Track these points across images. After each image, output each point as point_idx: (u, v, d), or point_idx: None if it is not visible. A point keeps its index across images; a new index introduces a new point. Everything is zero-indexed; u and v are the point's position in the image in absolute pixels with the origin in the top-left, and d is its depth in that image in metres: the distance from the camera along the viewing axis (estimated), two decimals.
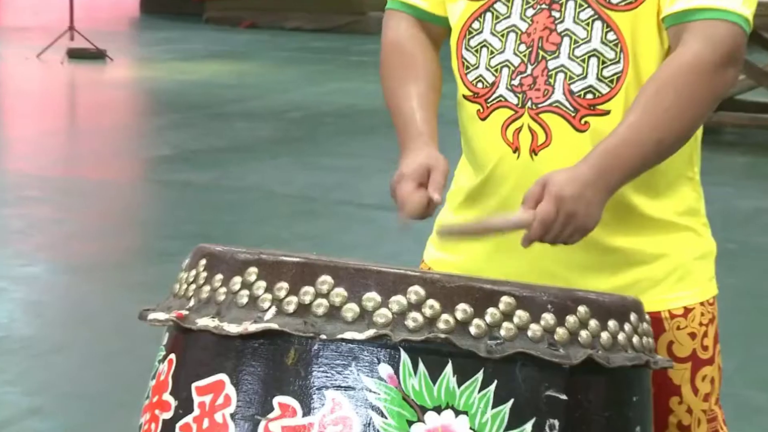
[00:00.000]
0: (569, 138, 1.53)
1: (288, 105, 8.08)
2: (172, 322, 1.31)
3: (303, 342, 1.24)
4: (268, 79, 9.44)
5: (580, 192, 1.43)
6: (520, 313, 1.25)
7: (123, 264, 4.50)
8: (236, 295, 1.28)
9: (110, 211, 5.38)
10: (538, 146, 1.55)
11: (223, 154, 6.49)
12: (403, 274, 1.25)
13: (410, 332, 1.22)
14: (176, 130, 7.19)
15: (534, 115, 1.54)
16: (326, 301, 1.25)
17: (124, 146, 6.91)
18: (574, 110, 1.53)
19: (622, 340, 1.30)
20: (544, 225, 1.43)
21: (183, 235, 4.71)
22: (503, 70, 1.56)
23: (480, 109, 1.58)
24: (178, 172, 6.05)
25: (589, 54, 1.52)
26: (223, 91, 8.65)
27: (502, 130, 1.56)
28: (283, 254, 1.30)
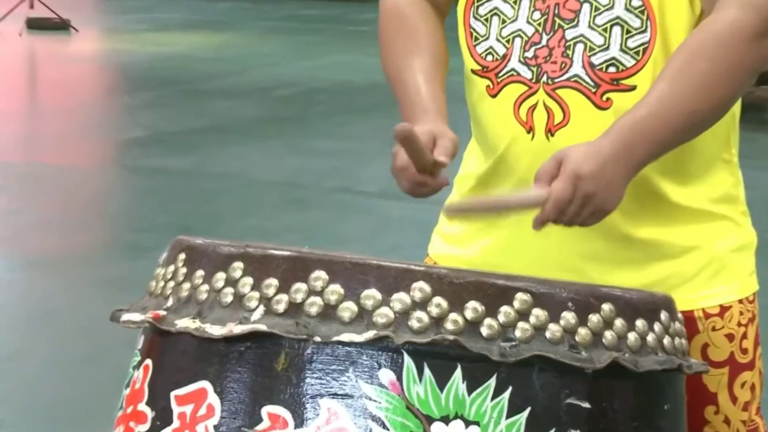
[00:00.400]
0: (589, 116, 1.54)
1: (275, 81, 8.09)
2: (148, 324, 1.32)
3: (295, 345, 1.24)
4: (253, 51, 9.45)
5: (599, 169, 1.43)
6: (537, 311, 1.26)
7: (91, 259, 4.51)
8: (219, 293, 1.29)
9: (75, 200, 5.39)
10: (555, 126, 1.55)
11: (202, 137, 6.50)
12: (406, 268, 1.26)
13: (414, 334, 1.23)
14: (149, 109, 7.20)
15: (550, 91, 1.55)
16: (320, 299, 1.25)
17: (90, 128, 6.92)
18: (594, 85, 1.54)
19: (652, 342, 1.31)
20: (558, 205, 1.44)
21: (158, 228, 4.72)
22: (515, 41, 1.56)
23: (490, 84, 1.58)
24: (152, 156, 6.07)
25: (612, 22, 1.52)
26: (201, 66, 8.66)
27: (515, 108, 1.56)
28: (271, 247, 1.31)
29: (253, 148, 6.25)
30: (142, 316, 1.32)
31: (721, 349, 1.60)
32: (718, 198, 1.61)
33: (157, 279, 1.37)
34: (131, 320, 1.33)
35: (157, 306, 1.33)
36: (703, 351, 1.59)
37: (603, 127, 1.51)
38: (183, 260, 1.34)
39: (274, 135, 6.55)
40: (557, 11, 1.54)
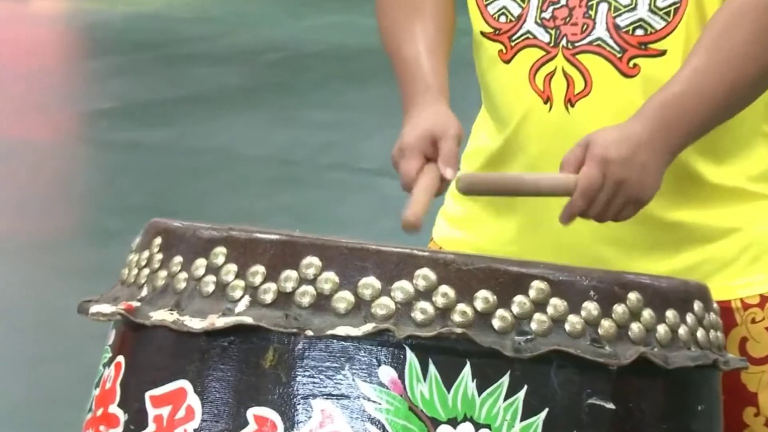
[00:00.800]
0: (614, 85, 1.54)
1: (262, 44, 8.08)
2: (120, 316, 1.33)
3: (284, 340, 1.25)
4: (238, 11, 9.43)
5: (632, 154, 1.44)
6: (555, 301, 1.27)
7: (55, 245, 4.52)
8: (200, 282, 1.30)
9: (37, 179, 5.39)
10: (575, 95, 1.56)
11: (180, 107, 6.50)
12: (409, 254, 1.27)
13: (418, 326, 1.24)
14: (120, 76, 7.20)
15: (570, 56, 1.55)
16: (313, 288, 1.26)
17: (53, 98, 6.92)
18: (620, 50, 1.54)
19: (684, 335, 1.32)
20: (587, 194, 1.45)
21: (131, 210, 4.73)
22: (532, 0, 1.57)
23: (502, 49, 1.59)
24: (124, 130, 6.07)
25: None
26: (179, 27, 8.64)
27: (530, 76, 1.57)
28: (258, 230, 1.31)
29: (238, 120, 6.25)
30: (113, 308, 1.33)
31: (761, 343, 1.61)
32: (758, 176, 1.62)
33: (130, 266, 1.38)
34: (101, 312, 1.34)
35: (129, 296, 1.34)
36: (742, 345, 1.60)
37: (630, 96, 1.51)
38: (159, 245, 1.35)
39: (261, 105, 6.55)
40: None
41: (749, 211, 1.61)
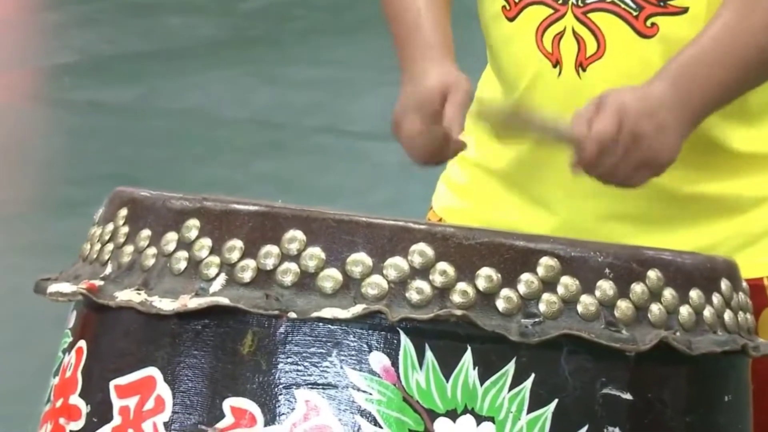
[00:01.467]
0: (630, 46, 1.55)
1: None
2: (82, 297, 1.33)
3: (264, 323, 1.26)
4: None
5: (651, 110, 1.45)
6: (566, 280, 1.27)
7: (10, 219, 4.53)
8: (170, 259, 1.30)
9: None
10: (587, 59, 1.56)
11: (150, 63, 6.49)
12: (404, 227, 1.27)
13: (414, 308, 1.24)
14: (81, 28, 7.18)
15: (580, 14, 1.56)
16: (296, 265, 1.27)
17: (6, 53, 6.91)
18: (636, 7, 1.55)
19: (710, 317, 1.33)
20: (601, 142, 1.45)
21: (94, 178, 4.73)
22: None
23: (506, 5, 1.59)
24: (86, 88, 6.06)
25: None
26: None
27: (537, 36, 1.57)
28: (235, 201, 1.32)
29: (213, 78, 6.24)
30: (73, 287, 1.34)
31: None
32: None
33: (93, 241, 1.38)
34: (60, 292, 1.35)
35: (92, 274, 1.35)
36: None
37: (647, 59, 1.52)
38: (124, 217, 1.36)
39: (240, 60, 6.54)
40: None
41: None
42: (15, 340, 3.44)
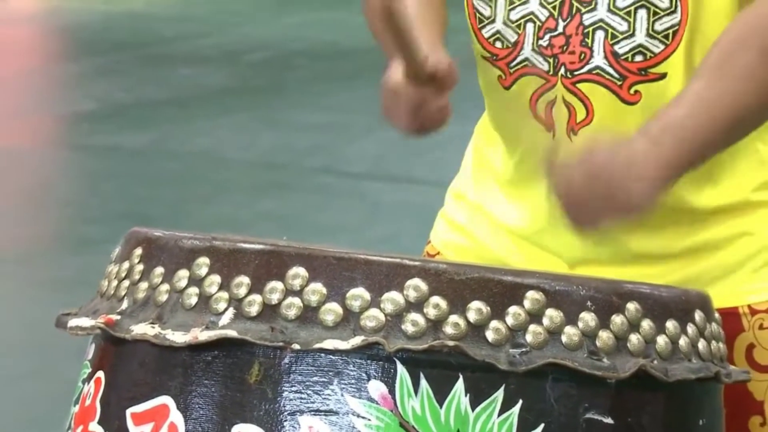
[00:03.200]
0: (616, 112, 1.55)
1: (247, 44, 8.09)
2: (100, 330, 1.32)
3: (270, 354, 1.25)
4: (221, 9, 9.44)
5: (625, 153, 1.44)
6: (551, 312, 1.26)
7: (33, 255, 4.52)
8: (182, 294, 1.30)
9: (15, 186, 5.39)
10: (578, 124, 1.56)
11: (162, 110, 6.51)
12: (399, 263, 1.27)
13: (409, 339, 1.24)
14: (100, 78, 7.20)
15: (569, 84, 1.55)
16: (299, 300, 1.26)
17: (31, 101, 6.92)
18: (620, 77, 1.54)
19: (685, 346, 1.32)
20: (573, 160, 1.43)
21: (111, 217, 4.73)
22: (527, 27, 1.56)
23: (501, 75, 1.59)
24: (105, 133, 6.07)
25: (636, 4, 1.53)
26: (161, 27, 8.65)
27: (532, 104, 1.57)
28: (242, 240, 1.31)
29: (221, 123, 6.26)
30: (92, 321, 1.33)
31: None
32: (760, 185, 1.62)
33: (110, 278, 1.38)
34: (80, 326, 1.34)
35: (109, 309, 1.34)
36: (748, 353, 1.60)
37: (633, 123, 1.52)
38: (139, 256, 1.35)
39: (245, 107, 6.55)
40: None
41: (757, 217, 1.62)
42: (37, 370, 3.43)
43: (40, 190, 5.46)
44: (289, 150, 5.77)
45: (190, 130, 6.10)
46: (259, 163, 5.61)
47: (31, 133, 6.30)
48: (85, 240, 4.51)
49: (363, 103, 6.25)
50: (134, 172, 5.50)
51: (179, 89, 6.95)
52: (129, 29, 8.53)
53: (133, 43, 8.05)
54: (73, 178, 5.77)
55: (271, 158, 5.66)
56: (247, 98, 6.77)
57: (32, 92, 7.10)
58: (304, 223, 4.72)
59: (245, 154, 5.74)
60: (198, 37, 8.30)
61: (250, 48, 7.95)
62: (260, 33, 8.44)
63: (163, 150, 5.80)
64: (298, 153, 5.72)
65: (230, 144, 5.89)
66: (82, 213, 5.05)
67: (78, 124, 6.36)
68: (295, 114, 6.38)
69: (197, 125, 6.19)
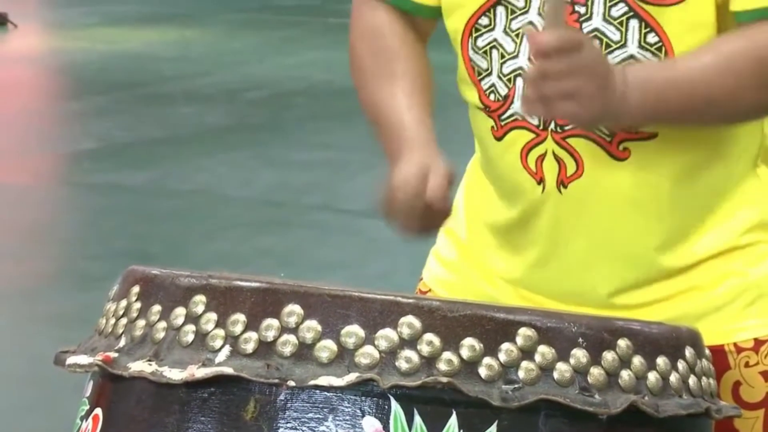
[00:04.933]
0: (606, 168, 1.55)
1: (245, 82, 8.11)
2: (98, 368, 1.32)
3: (265, 390, 1.25)
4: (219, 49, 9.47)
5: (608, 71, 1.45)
6: (543, 349, 1.26)
7: (33, 292, 4.51)
8: (179, 332, 1.30)
9: (16, 223, 5.39)
10: (568, 177, 1.56)
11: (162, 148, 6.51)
12: (393, 301, 1.27)
13: (403, 376, 1.23)
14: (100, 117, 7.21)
15: (560, 139, 1.55)
16: (295, 337, 1.26)
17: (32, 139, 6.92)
18: (609, 134, 1.55)
19: (675, 382, 1.32)
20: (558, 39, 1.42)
21: (111, 254, 4.72)
22: (518, 81, 1.56)
23: (494, 126, 1.59)
24: (105, 171, 6.07)
25: (626, 62, 1.53)
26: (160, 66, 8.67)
27: (522, 156, 1.57)
28: (238, 278, 1.31)
29: (220, 161, 6.26)
30: (90, 359, 1.33)
31: (755, 388, 1.61)
32: (747, 230, 1.62)
33: (108, 316, 1.38)
34: (78, 363, 1.34)
35: (107, 347, 1.34)
36: (735, 390, 1.60)
37: (622, 179, 1.53)
38: (137, 294, 1.35)
39: (244, 145, 6.56)
40: None
41: (743, 257, 1.62)
42: (36, 405, 3.42)
43: (41, 227, 5.46)
44: (287, 187, 5.77)
45: (190, 168, 6.11)
46: (257, 200, 5.62)
47: (32, 170, 6.31)
48: (86, 276, 4.51)
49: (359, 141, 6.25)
50: (134, 210, 5.49)
51: (178, 127, 6.96)
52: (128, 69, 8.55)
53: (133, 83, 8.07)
54: (73, 215, 5.76)
55: (269, 195, 5.66)
56: (246, 136, 6.78)
57: (34, 131, 7.11)
58: (302, 259, 4.72)
59: (244, 192, 5.74)
60: (197, 76, 8.32)
61: (249, 87, 7.96)
62: (258, 72, 8.46)
63: (163, 187, 5.80)
64: (296, 190, 5.73)
65: (229, 181, 5.89)
66: (82, 250, 5.05)
67: (79, 162, 6.37)
68: (292, 152, 6.39)
69: (196, 163, 6.19)
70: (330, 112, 7.27)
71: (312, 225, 5.28)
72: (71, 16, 10.91)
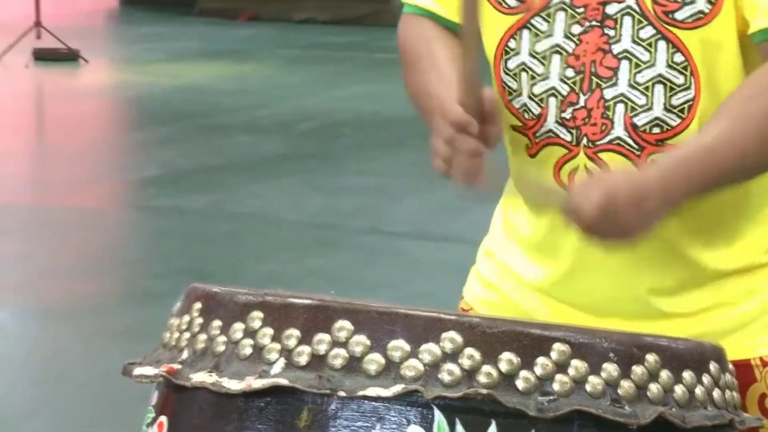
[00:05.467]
0: None
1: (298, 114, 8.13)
2: (163, 378, 1.33)
3: (318, 400, 1.25)
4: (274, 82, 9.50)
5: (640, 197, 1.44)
6: (576, 363, 1.26)
7: (103, 308, 4.53)
8: (238, 345, 1.30)
9: (87, 244, 5.42)
10: None
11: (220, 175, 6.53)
12: (436, 317, 1.26)
13: (445, 387, 1.23)
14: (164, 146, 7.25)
15: (591, 154, 1.55)
16: (345, 351, 1.26)
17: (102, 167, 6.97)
18: (638, 148, 1.54)
19: (701, 395, 1.31)
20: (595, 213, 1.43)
21: (173, 273, 4.74)
22: (550, 100, 1.56)
23: (528, 143, 1.59)
24: (167, 196, 6.10)
25: (654, 80, 1.53)
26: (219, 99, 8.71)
27: (555, 171, 1.57)
28: (292, 295, 1.31)
29: (273, 186, 6.27)
30: (155, 370, 1.33)
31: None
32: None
33: (171, 330, 1.38)
34: (144, 374, 1.34)
35: (171, 359, 1.34)
36: (761, 402, 1.59)
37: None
38: (198, 310, 1.35)
39: (295, 172, 6.57)
40: (594, 69, 1.54)
41: (766, 276, 1.61)
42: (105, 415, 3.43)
43: (108, 248, 5.49)
44: (335, 211, 5.78)
45: (245, 193, 6.12)
46: (308, 223, 5.62)
47: (101, 196, 6.35)
48: (149, 293, 4.53)
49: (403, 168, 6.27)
50: (194, 232, 5.51)
51: (235, 156, 6.99)
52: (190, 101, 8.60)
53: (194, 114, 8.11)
54: (138, 236, 5.80)
55: (319, 219, 5.67)
56: (298, 164, 6.79)
57: (103, 159, 7.16)
58: (349, 279, 4.72)
59: (295, 215, 5.75)
60: (253, 108, 8.35)
61: (301, 118, 7.99)
62: (310, 104, 8.48)
63: (220, 211, 5.82)
64: (344, 214, 5.73)
65: (282, 206, 5.91)
66: (146, 268, 5.07)
67: (143, 188, 6.40)
68: (341, 178, 6.39)
69: (251, 188, 6.21)
70: (376, 141, 7.28)
71: (359, 246, 5.28)
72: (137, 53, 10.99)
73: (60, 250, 5.29)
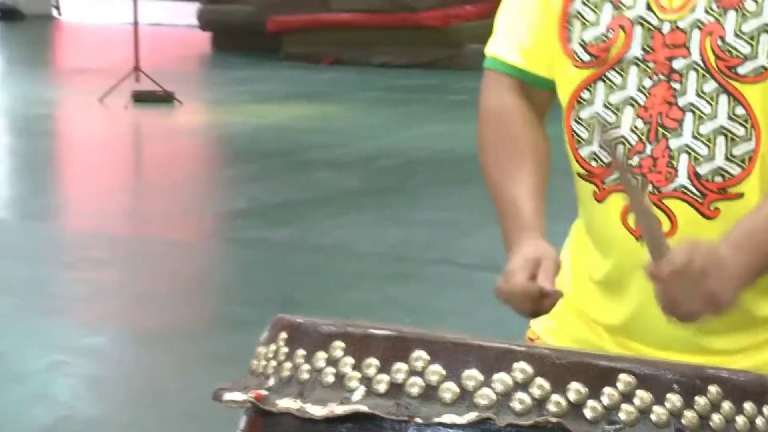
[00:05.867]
0: (697, 225, 1.54)
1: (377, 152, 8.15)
2: (251, 404, 1.33)
3: (396, 426, 1.25)
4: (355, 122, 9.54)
5: (717, 258, 1.43)
6: (641, 393, 1.24)
7: (195, 333, 4.56)
8: (321, 373, 1.30)
9: (180, 273, 5.47)
10: None
11: (304, 209, 6.56)
12: (507, 348, 1.26)
13: (517, 415, 1.23)
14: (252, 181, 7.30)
15: (656, 200, 1.55)
16: (421, 379, 1.26)
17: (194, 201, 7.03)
18: (701, 195, 1.53)
19: (762, 426, 1.29)
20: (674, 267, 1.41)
21: (260, 301, 4.76)
22: (618, 149, 1.56)
23: (596, 190, 1.59)
24: (255, 228, 6.14)
25: (716, 132, 1.52)
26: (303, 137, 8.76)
27: (622, 216, 1.56)
28: (372, 326, 1.32)
29: (353, 220, 6.29)
30: (244, 396, 1.34)
31: None
32: None
33: (259, 358, 1.39)
34: (233, 400, 1.35)
35: (258, 385, 1.35)
36: None
37: (711, 235, 1.51)
38: (284, 339, 1.36)
39: (374, 206, 6.58)
40: (660, 120, 1.54)
41: None
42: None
43: (200, 277, 5.53)
44: (411, 243, 5.77)
45: (327, 226, 6.15)
46: (386, 255, 5.62)
47: (193, 228, 6.40)
48: (238, 320, 4.55)
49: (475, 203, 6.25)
50: (279, 262, 5.54)
51: (318, 191, 7.02)
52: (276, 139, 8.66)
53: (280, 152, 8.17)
54: (227, 266, 5.83)
55: (396, 251, 5.67)
56: (376, 199, 6.81)
57: (196, 194, 7.23)
58: (423, 308, 4.70)
59: (374, 247, 5.75)
60: (335, 146, 8.39)
61: (379, 155, 8.01)
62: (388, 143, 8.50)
63: (304, 243, 5.85)
64: (419, 246, 5.72)
65: (362, 238, 5.92)
66: (235, 297, 5.10)
67: (232, 220, 6.45)
68: (416, 212, 6.39)
69: (333, 222, 6.23)
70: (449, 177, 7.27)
71: (432, 277, 5.27)
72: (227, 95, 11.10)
73: (155, 278, 5.34)
